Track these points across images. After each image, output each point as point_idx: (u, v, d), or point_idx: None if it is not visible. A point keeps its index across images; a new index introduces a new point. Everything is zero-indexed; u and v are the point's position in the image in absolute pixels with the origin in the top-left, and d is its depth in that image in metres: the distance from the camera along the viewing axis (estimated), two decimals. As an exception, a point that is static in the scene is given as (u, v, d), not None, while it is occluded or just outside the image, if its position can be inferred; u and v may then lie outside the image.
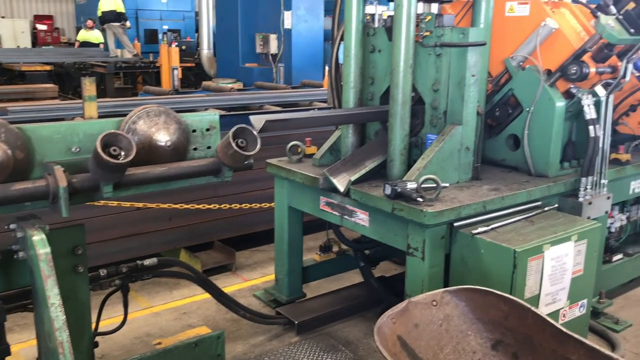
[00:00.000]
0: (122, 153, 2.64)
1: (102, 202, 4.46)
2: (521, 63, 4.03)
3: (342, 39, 4.10)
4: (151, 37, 17.70)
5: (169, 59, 12.86)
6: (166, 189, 3.12)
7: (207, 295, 3.90)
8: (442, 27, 3.65)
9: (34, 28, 23.63)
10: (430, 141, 3.79)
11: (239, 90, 10.43)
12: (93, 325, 3.13)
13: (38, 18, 24.24)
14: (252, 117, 3.34)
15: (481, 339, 2.85)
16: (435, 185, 3.40)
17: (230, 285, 4.86)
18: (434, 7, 3.90)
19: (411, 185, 3.39)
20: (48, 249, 2.49)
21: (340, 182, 3.75)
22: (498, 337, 2.83)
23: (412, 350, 2.69)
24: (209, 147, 3.17)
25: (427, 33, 3.69)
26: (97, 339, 3.18)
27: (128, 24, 15.40)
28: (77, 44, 17.71)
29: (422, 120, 3.88)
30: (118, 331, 3.31)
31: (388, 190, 3.40)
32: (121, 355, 3.80)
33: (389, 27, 3.80)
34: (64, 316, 2.44)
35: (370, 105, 4.06)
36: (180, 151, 3.13)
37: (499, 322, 2.82)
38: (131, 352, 3.81)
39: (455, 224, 3.38)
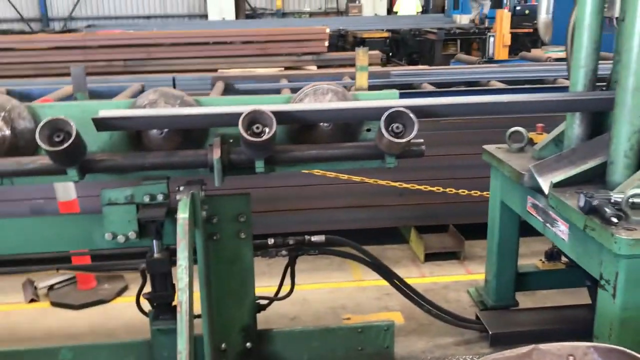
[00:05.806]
0: (266, 130, 2.69)
1: (334, 174, 4.67)
2: None
3: None
4: (496, 1, 17.16)
5: (501, 25, 12.29)
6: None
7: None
8: None
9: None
10: (674, 143, 2.82)
11: (556, 60, 9.38)
12: (267, 290, 3.34)
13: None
14: None
15: None
16: (652, 202, 2.54)
17: (449, 274, 4.56)
18: None
19: (616, 198, 2.60)
20: (186, 215, 2.71)
21: (546, 182, 3.10)
22: None
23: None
24: (382, 129, 2.98)
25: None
26: (292, 302, 3.43)
27: None
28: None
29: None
30: (310, 298, 3.43)
31: (582, 202, 2.68)
32: (311, 320, 3.94)
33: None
34: (188, 279, 2.66)
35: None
36: (345, 131, 3.03)
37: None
38: (319, 320, 3.94)
39: (671, 260, 2.48)
